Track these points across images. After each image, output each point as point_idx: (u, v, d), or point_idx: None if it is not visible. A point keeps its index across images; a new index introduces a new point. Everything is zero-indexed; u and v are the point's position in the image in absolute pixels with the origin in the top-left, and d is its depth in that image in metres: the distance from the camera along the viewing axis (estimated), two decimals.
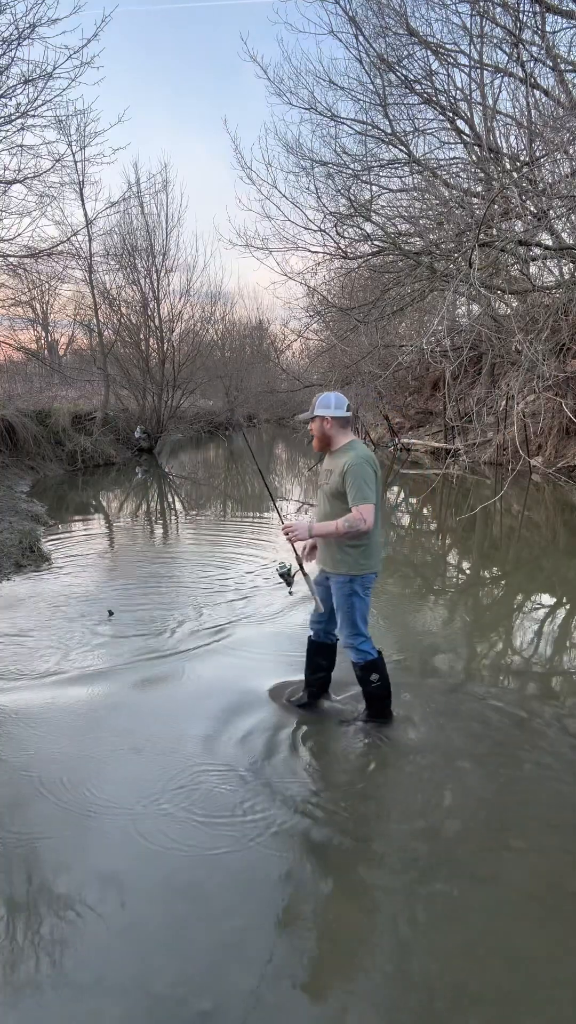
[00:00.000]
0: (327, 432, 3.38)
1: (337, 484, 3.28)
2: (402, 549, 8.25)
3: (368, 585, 3.40)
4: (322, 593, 3.54)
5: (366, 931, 2.20)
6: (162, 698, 3.90)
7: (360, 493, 3.19)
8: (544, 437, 13.33)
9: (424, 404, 20.46)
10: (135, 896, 2.34)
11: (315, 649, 3.71)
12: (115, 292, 18.48)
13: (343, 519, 3.19)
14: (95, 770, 3.09)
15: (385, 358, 15.34)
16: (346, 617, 3.39)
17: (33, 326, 24.13)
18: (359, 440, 3.45)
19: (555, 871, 2.50)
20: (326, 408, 3.35)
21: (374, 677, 3.45)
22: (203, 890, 2.37)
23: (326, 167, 9.52)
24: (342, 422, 3.38)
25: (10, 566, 6.55)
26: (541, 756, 3.29)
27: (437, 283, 8.88)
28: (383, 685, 3.49)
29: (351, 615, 3.37)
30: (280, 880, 2.43)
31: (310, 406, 3.42)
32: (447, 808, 2.86)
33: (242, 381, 29.45)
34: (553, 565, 7.38)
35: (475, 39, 8.97)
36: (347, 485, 3.22)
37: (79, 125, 13.15)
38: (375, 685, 3.47)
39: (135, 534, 9.14)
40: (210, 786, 2.98)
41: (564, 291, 9.00)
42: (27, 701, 3.79)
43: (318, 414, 3.36)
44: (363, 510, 3.17)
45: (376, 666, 3.45)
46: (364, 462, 3.24)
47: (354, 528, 3.16)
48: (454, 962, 2.08)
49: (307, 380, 19.85)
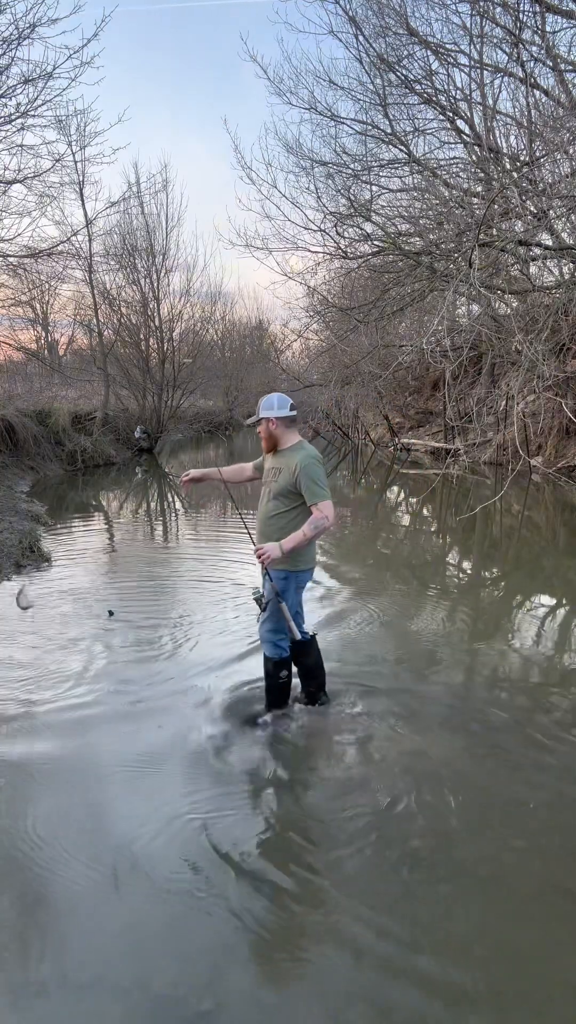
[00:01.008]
0: (274, 433, 3.43)
1: (287, 482, 3.34)
2: (402, 549, 8.25)
3: (303, 584, 3.52)
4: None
5: (365, 931, 2.20)
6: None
7: (317, 491, 3.27)
8: (544, 437, 13.33)
9: (424, 404, 20.45)
10: (135, 896, 2.34)
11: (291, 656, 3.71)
12: (115, 292, 18.47)
13: (308, 524, 3.25)
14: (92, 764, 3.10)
15: (385, 358, 15.34)
16: (272, 613, 3.45)
17: (33, 326, 24.13)
18: (306, 440, 3.51)
19: (555, 871, 2.50)
20: (270, 410, 3.40)
21: (283, 674, 3.56)
22: (203, 890, 2.37)
23: (326, 167, 9.52)
24: (287, 422, 3.43)
25: (10, 566, 6.55)
26: (541, 756, 3.29)
27: (437, 283, 8.88)
28: (289, 681, 3.60)
29: (277, 611, 3.43)
30: (279, 880, 2.43)
31: (257, 409, 3.46)
32: (447, 808, 2.86)
33: (242, 381, 29.44)
34: (553, 565, 7.38)
35: (475, 39, 8.97)
36: (302, 485, 3.28)
37: (79, 125, 13.16)
38: (282, 681, 3.57)
39: (135, 534, 9.13)
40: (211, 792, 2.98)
41: (564, 291, 9.00)
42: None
43: (263, 416, 3.40)
44: (323, 507, 3.26)
45: (286, 664, 3.55)
46: (316, 460, 3.35)
47: (320, 528, 3.26)
48: (454, 962, 2.08)
49: (307, 380, 19.84)
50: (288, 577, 3.43)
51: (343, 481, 14.57)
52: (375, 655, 4.54)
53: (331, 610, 5.43)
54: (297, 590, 3.51)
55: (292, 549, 3.25)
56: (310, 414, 19.68)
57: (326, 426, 20.87)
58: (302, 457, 3.32)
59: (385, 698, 3.87)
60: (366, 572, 6.69)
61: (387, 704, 3.79)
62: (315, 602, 5.61)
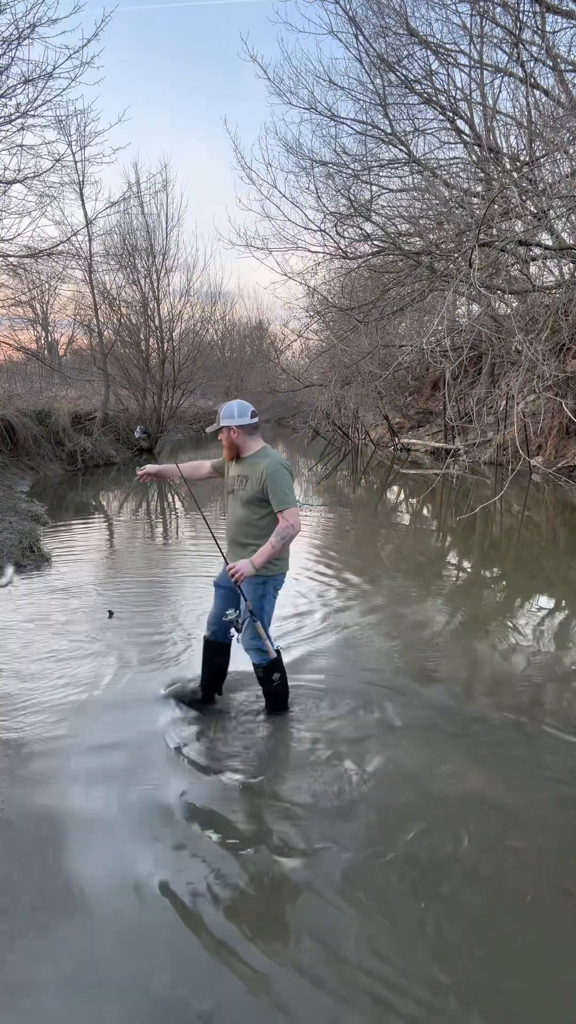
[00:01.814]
0: (235, 441, 3.40)
1: (255, 490, 3.34)
2: (402, 549, 8.25)
3: (279, 587, 3.52)
4: (223, 595, 3.60)
5: (366, 931, 2.20)
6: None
7: (284, 498, 3.28)
8: (544, 437, 13.33)
9: (424, 404, 20.46)
10: (135, 895, 2.34)
11: (215, 649, 3.74)
12: (115, 292, 18.47)
13: (276, 536, 3.26)
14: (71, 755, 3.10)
15: (385, 358, 15.34)
16: (248, 628, 3.42)
17: (33, 326, 24.13)
18: (269, 446, 3.50)
19: (555, 871, 2.50)
20: (230, 418, 3.37)
21: (275, 676, 3.55)
22: (203, 890, 2.37)
23: (326, 167, 9.51)
24: (248, 429, 3.41)
25: (10, 566, 6.55)
26: (541, 756, 3.29)
27: (437, 283, 8.87)
28: (284, 682, 3.60)
29: (260, 617, 3.43)
30: (279, 880, 2.43)
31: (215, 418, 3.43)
32: (447, 808, 2.86)
33: (242, 381, 29.45)
34: (553, 565, 7.38)
35: (475, 39, 8.96)
36: (270, 492, 3.29)
37: (79, 125, 13.14)
38: (276, 684, 3.56)
39: (135, 534, 9.14)
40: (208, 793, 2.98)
41: (564, 291, 8.99)
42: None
43: (224, 424, 3.37)
44: (289, 515, 3.27)
45: (277, 666, 3.54)
46: (282, 467, 3.36)
47: (288, 538, 3.27)
48: (454, 962, 2.08)
49: (307, 380, 19.85)
50: (267, 582, 3.44)
51: (343, 481, 14.57)
52: (374, 655, 4.54)
53: (331, 610, 5.43)
54: (275, 593, 3.52)
55: (263, 562, 3.26)
56: (310, 414, 19.69)
57: (326, 426, 20.87)
58: (268, 464, 3.33)
59: (385, 698, 3.87)
60: (366, 572, 6.68)
61: (386, 704, 3.79)
62: (315, 602, 5.61)
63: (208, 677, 3.79)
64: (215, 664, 3.77)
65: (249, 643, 3.48)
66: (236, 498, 3.44)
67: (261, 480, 3.31)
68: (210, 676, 3.79)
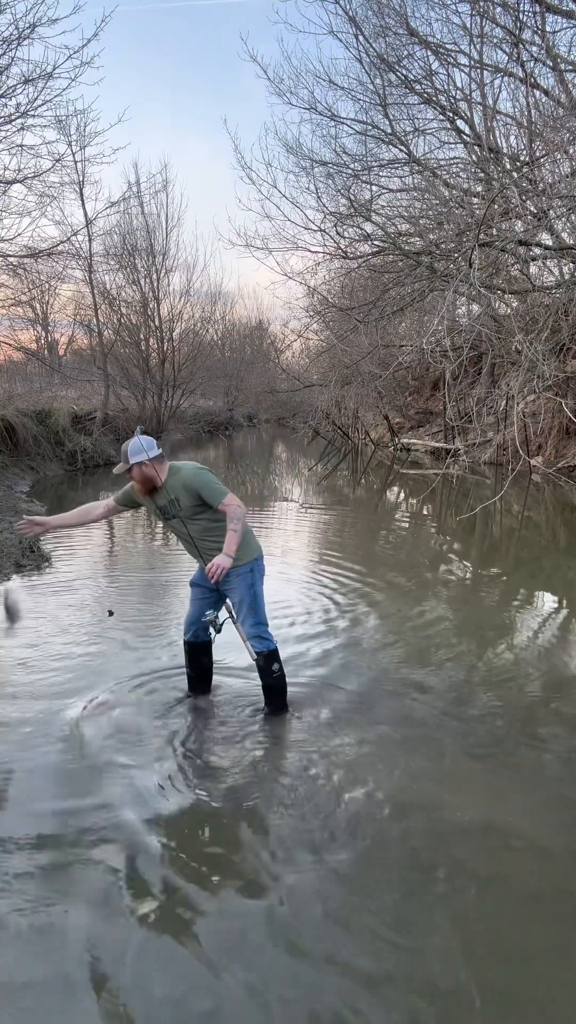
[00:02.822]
0: (149, 474, 3.36)
1: (192, 501, 3.36)
2: (402, 549, 8.25)
3: (262, 572, 3.55)
4: (200, 593, 3.62)
5: (365, 931, 2.20)
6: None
7: (217, 491, 3.32)
8: (544, 437, 13.33)
9: (424, 404, 20.47)
10: (134, 895, 2.34)
11: (198, 650, 3.75)
12: (115, 292, 18.52)
13: (232, 523, 3.29)
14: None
15: (385, 358, 15.34)
16: (251, 607, 3.46)
17: (33, 326, 24.13)
18: (174, 460, 3.51)
19: (555, 871, 2.50)
20: (140, 454, 3.32)
21: (275, 667, 3.54)
22: (203, 890, 2.37)
23: (326, 167, 9.53)
24: (158, 459, 3.40)
25: (10, 566, 6.55)
26: (541, 755, 3.29)
27: (437, 283, 8.88)
28: (283, 676, 3.59)
29: (255, 604, 3.46)
30: (279, 880, 2.43)
31: (121, 458, 3.37)
32: (447, 808, 2.86)
33: (242, 381, 29.46)
34: (553, 565, 7.38)
35: (475, 39, 8.98)
36: (202, 493, 3.33)
37: (79, 125, 13.18)
38: (276, 675, 3.55)
39: (135, 534, 9.14)
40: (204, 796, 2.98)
41: (564, 291, 9.00)
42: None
43: (135, 462, 3.33)
44: (228, 501, 3.31)
45: (277, 655, 3.54)
46: (198, 468, 3.40)
47: (240, 518, 3.30)
48: (454, 962, 2.08)
49: (307, 380, 19.86)
50: (253, 569, 3.48)
51: (343, 481, 14.57)
52: (373, 655, 4.54)
53: (330, 610, 5.43)
54: (261, 578, 3.55)
55: (234, 550, 3.28)
56: (310, 414, 19.70)
57: (326, 426, 20.89)
58: (186, 472, 3.36)
59: (384, 698, 3.87)
60: (365, 572, 6.68)
61: (385, 704, 3.79)
62: (315, 602, 5.61)
63: (196, 679, 3.82)
64: (201, 664, 3.80)
65: (250, 631, 3.48)
66: (180, 520, 3.44)
67: (190, 489, 3.34)
68: (198, 678, 3.82)
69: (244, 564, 3.44)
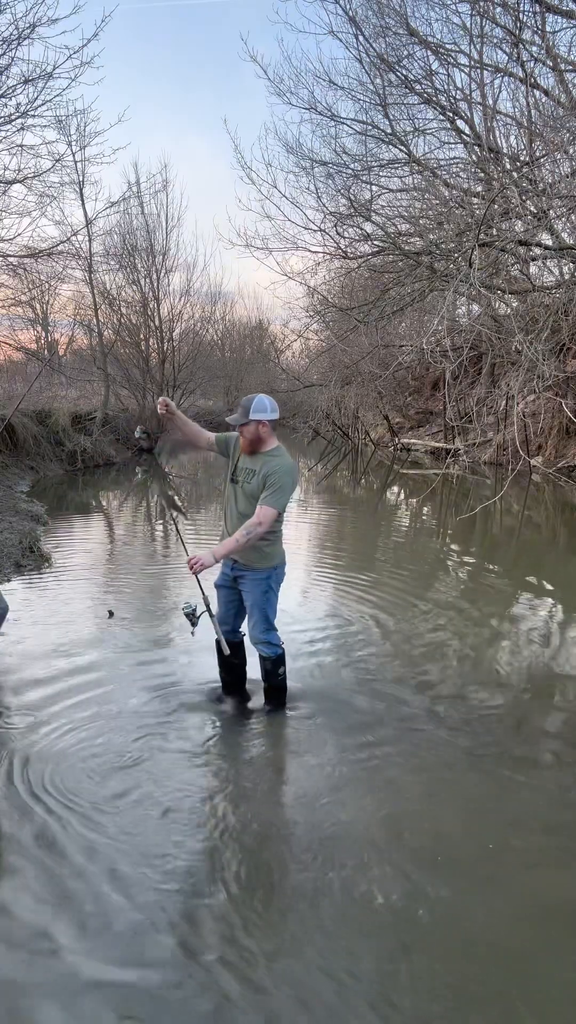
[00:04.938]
0: (261, 435, 3.36)
1: (259, 485, 3.32)
2: (402, 549, 8.25)
3: (281, 580, 3.55)
4: (226, 595, 3.63)
5: (366, 931, 2.20)
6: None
7: (274, 498, 3.25)
8: (544, 437, 13.34)
9: (424, 404, 20.47)
10: (134, 895, 2.34)
11: (232, 648, 3.73)
12: (115, 292, 18.46)
13: (242, 530, 3.21)
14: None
15: (385, 358, 15.35)
16: (261, 612, 3.49)
17: (33, 326, 24.09)
18: (283, 447, 3.47)
19: (555, 872, 2.50)
20: (263, 412, 3.32)
21: (281, 671, 3.61)
22: (204, 890, 2.37)
23: (326, 167, 9.51)
24: (274, 425, 3.40)
25: (10, 566, 6.54)
26: (541, 756, 3.30)
27: (437, 283, 8.86)
28: (286, 678, 3.66)
29: (266, 610, 3.49)
30: (279, 880, 2.43)
31: (240, 409, 3.36)
32: (447, 808, 2.86)
33: (242, 381, 29.42)
34: (553, 565, 7.38)
35: (475, 39, 8.96)
36: (267, 485, 3.27)
37: (79, 125, 13.12)
38: (280, 678, 3.63)
39: (135, 534, 9.14)
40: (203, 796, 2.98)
41: (564, 291, 9.00)
42: None
43: (255, 418, 3.32)
44: (263, 513, 3.22)
45: (283, 660, 3.61)
46: (287, 473, 3.32)
47: (252, 535, 3.20)
48: (454, 962, 2.08)
49: (307, 380, 19.84)
50: (270, 576, 3.48)
51: (343, 481, 14.57)
52: (373, 656, 4.54)
53: (329, 610, 5.43)
54: (277, 588, 3.55)
55: (224, 555, 3.24)
56: (310, 414, 19.69)
57: (326, 426, 20.87)
58: (277, 463, 3.32)
59: (383, 698, 3.87)
60: (365, 572, 6.68)
61: (385, 704, 3.80)
62: (314, 602, 5.61)
63: (228, 681, 3.81)
64: (231, 665, 3.78)
65: (259, 637, 3.52)
66: (240, 490, 3.41)
67: (265, 476, 3.29)
68: (230, 680, 3.82)
69: (262, 570, 3.44)
